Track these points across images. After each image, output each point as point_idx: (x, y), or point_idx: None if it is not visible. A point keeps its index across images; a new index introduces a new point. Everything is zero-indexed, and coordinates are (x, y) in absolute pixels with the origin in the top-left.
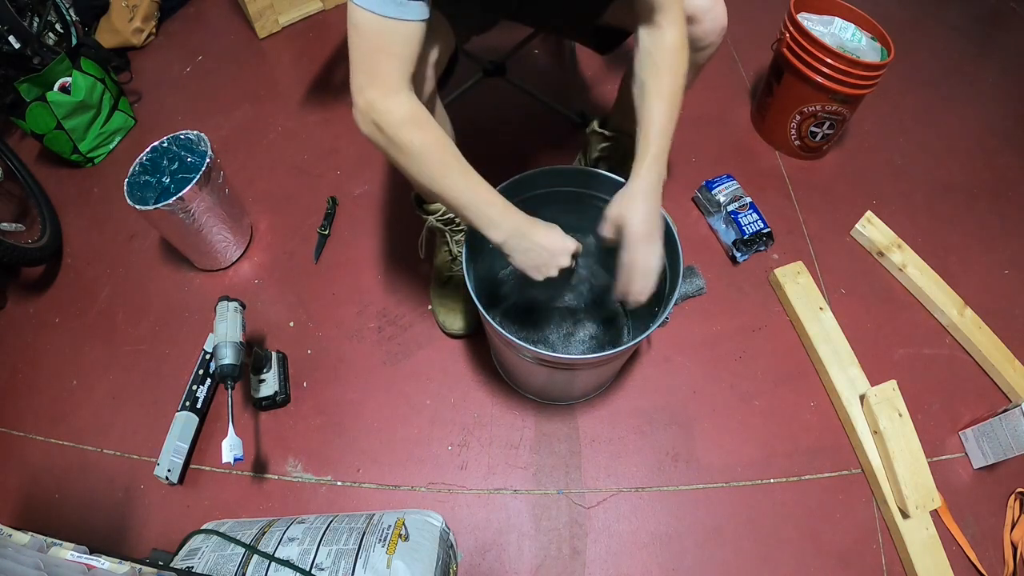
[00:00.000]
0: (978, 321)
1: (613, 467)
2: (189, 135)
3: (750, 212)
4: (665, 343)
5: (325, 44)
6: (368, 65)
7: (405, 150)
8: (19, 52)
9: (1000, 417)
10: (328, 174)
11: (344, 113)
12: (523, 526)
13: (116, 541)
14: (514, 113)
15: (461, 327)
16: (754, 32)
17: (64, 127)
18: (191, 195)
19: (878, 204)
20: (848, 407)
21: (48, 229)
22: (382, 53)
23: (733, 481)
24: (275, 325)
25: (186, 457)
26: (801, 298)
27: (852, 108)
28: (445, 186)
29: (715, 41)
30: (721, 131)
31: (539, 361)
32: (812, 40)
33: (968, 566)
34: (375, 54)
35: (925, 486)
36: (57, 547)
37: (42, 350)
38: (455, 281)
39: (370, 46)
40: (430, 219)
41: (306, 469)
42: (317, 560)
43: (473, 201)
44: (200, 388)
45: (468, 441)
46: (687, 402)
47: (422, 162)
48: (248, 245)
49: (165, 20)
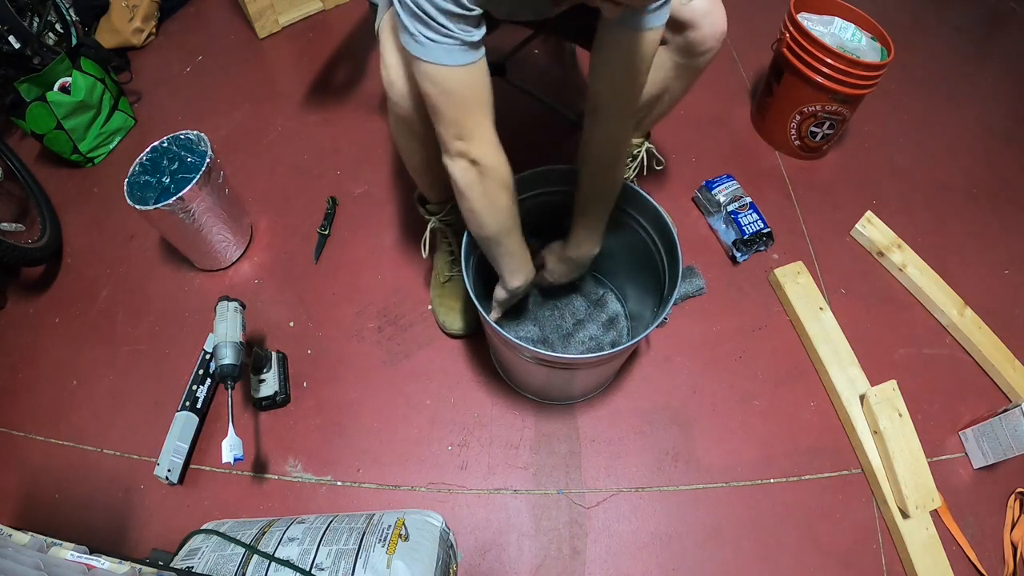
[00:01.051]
0: (978, 321)
1: (613, 467)
2: (189, 135)
3: (750, 212)
4: (665, 343)
5: (325, 44)
6: (460, 122)
7: (485, 201)
8: (19, 52)
9: (1000, 417)
10: (328, 174)
11: (344, 113)
12: (523, 526)
13: (116, 541)
14: (514, 113)
15: (461, 327)
16: (754, 32)
17: (64, 127)
18: (191, 195)
19: (878, 204)
20: (848, 407)
21: (48, 229)
22: (469, 104)
23: (733, 481)
24: (275, 325)
25: (186, 457)
26: (801, 298)
27: (852, 108)
28: (494, 241)
29: (714, 46)
30: (721, 131)
31: (538, 361)
32: (812, 40)
33: (968, 566)
34: (463, 111)
35: (925, 486)
36: (57, 547)
37: (42, 350)
38: (455, 281)
39: (456, 102)
40: (432, 219)
41: (306, 469)
42: (317, 560)
43: (506, 255)
44: (200, 388)
45: (468, 441)
46: (687, 402)
47: (489, 215)
48: (248, 245)
49: (165, 20)
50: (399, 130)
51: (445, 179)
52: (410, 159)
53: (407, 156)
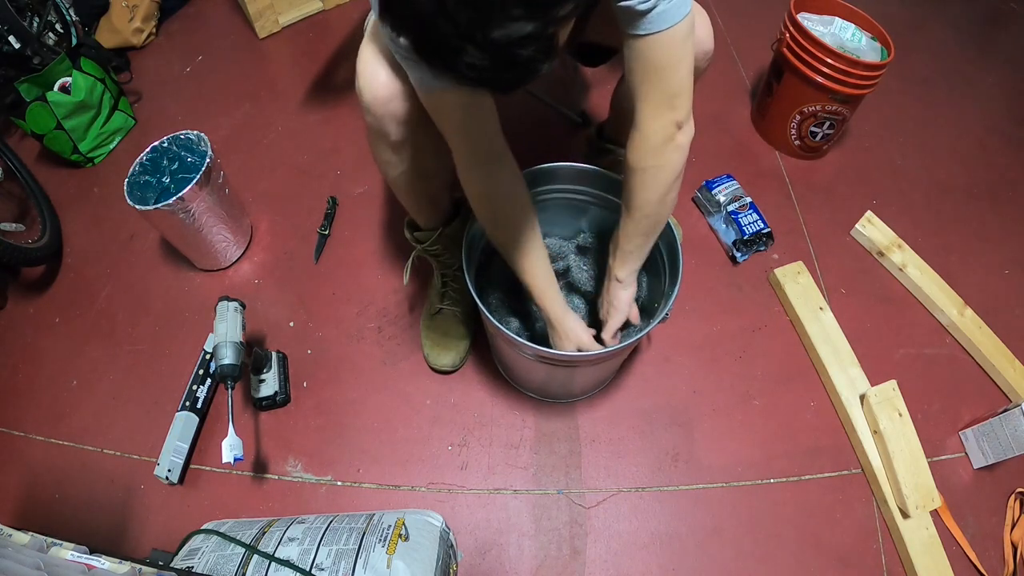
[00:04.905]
0: (978, 321)
1: (613, 467)
2: (189, 135)
3: (750, 212)
4: (665, 343)
5: (325, 44)
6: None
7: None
8: (19, 52)
9: (1000, 417)
10: (328, 174)
11: (344, 113)
12: (523, 526)
13: (116, 541)
14: (514, 113)
15: (447, 363)
16: (754, 32)
17: (64, 127)
18: (191, 195)
19: (878, 204)
20: (848, 407)
21: (48, 229)
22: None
23: (733, 481)
24: (275, 325)
25: (186, 457)
26: (801, 298)
27: (852, 108)
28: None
29: (700, 66)
30: (721, 131)
31: (540, 358)
32: (812, 40)
33: (968, 566)
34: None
35: (925, 486)
36: (57, 547)
37: (42, 350)
38: (445, 315)
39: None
40: (418, 247)
41: (306, 469)
42: (317, 560)
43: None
44: (200, 388)
45: (468, 441)
46: (687, 402)
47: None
48: (248, 245)
49: (165, 20)
50: (372, 140)
51: (430, 202)
52: (387, 172)
53: (385, 171)
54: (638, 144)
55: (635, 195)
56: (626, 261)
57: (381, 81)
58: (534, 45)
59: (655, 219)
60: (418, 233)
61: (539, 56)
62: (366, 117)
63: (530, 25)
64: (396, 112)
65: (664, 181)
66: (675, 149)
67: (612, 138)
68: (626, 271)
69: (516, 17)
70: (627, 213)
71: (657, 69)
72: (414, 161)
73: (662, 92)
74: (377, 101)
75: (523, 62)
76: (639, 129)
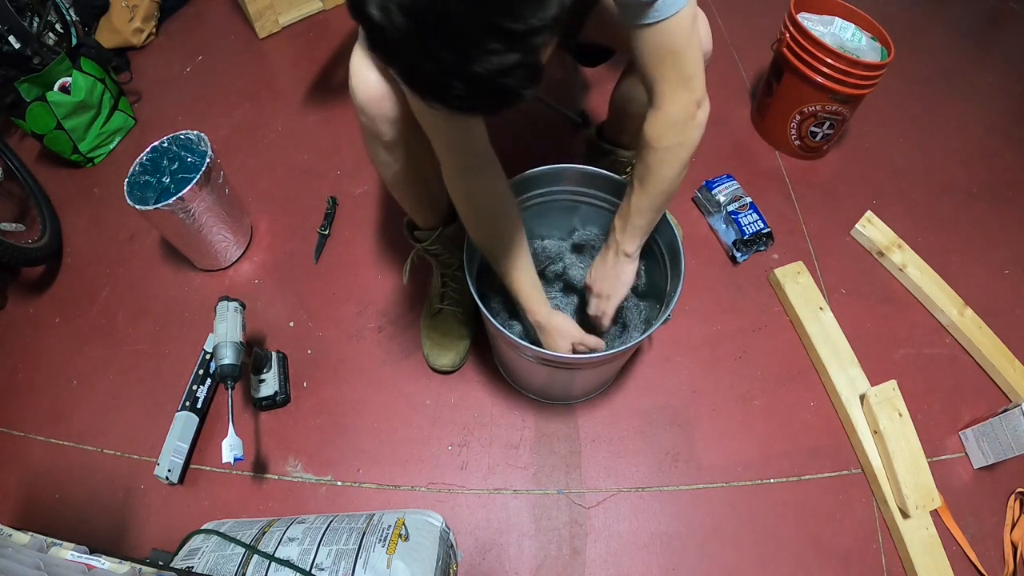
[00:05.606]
0: (978, 321)
1: (613, 467)
2: (189, 135)
3: (750, 212)
4: (665, 343)
5: (325, 44)
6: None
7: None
8: (19, 52)
9: (1000, 417)
10: (328, 174)
11: (344, 113)
12: (523, 526)
13: (116, 541)
14: (514, 113)
15: (447, 363)
16: (754, 32)
17: (64, 127)
18: (191, 195)
19: (878, 204)
20: (848, 407)
21: (48, 229)
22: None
23: (733, 481)
24: (275, 325)
25: (186, 457)
26: (801, 298)
27: (852, 108)
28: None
29: None
30: (721, 131)
31: (541, 361)
32: (812, 40)
33: (968, 566)
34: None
35: (925, 486)
36: (57, 547)
37: (42, 350)
38: (445, 315)
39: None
40: (417, 247)
41: (306, 469)
42: (317, 560)
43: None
44: (200, 388)
45: (468, 441)
46: (687, 402)
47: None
48: (248, 245)
49: (165, 20)
50: (367, 141)
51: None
52: (384, 172)
53: (381, 171)
54: (660, 122)
55: (653, 172)
56: (636, 235)
57: (373, 82)
58: (518, 74)
59: (669, 193)
60: (418, 233)
61: (524, 83)
62: (360, 117)
63: (512, 56)
64: (388, 112)
65: (683, 158)
66: (696, 127)
67: (612, 139)
68: (635, 245)
69: (496, 51)
70: (641, 189)
71: (671, 53)
72: (409, 161)
73: (678, 74)
74: (370, 101)
75: (509, 90)
76: (660, 109)
